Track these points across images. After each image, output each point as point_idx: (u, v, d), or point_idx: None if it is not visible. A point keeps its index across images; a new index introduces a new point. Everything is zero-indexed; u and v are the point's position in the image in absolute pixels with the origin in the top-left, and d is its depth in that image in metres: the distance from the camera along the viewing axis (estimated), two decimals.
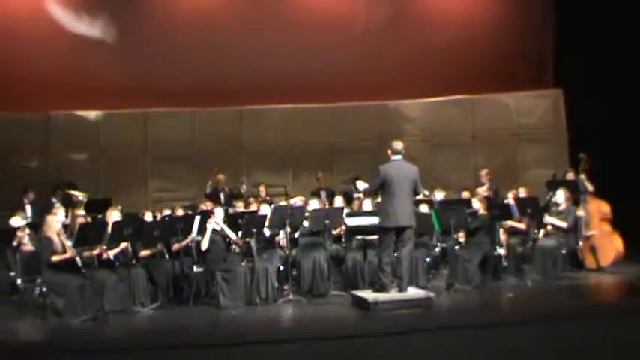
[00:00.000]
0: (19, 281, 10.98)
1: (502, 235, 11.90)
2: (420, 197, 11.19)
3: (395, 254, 10.08)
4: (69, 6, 14.30)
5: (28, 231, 11.34)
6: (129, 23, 14.57)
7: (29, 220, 11.78)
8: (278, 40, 14.82)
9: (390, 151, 10.06)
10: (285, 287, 11.00)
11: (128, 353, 8.66)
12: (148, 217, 11.88)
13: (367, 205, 11.80)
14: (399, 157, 10.04)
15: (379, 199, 10.54)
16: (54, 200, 11.73)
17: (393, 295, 9.86)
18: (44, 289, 10.24)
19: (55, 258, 10.05)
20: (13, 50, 13.93)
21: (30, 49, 14.03)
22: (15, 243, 11.29)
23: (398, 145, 10.05)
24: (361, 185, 12.23)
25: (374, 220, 10.69)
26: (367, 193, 11.84)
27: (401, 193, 9.85)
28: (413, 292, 10.05)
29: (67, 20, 14.36)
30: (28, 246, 11.12)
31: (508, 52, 15.29)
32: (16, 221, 11.53)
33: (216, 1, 14.16)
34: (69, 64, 14.18)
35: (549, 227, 11.85)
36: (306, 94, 14.93)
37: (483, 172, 13.59)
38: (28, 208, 12.20)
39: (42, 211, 11.60)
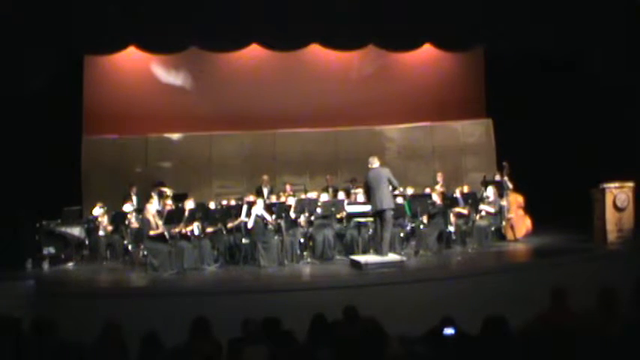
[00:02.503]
0: (129, 247, 11.32)
1: (452, 218, 12.07)
2: (396, 192, 11.27)
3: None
4: (161, 63, 14.29)
5: (134, 214, 11.52)
6: (199, 75, 14.52)
7: (135, 207, 11.87)
8: (299, 84, 14.66)
9: (369, 165, 10.31)
10: (305, 253, 11.13)
11: (200, 295, 8.85)
12: (212, 205, 11.90)
13: (360, 197, 11.79)
14: (375, 165, 10.28)
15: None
16: (153, 193, 11.81)
17: (377, 258, 10.02)
18: (145, 253, 10.50)
19: (151, 232, 10.33)
20: (124, 94, 13.95)
21: (135, 92, 14.06)
22: (126, 222, 11.52)
23: (373, 159, 10.36)
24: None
25: (365, 208, 10.92)
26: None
27: (378, 189, 10.05)
28: (391, 256, 10.20)
29: (160, 73, 14.41)
30: (135, 224, 11.31)
31: (456, 93, 15.11)
32: (127, 207, 11.74)
33: (257, 58, 13.87)
34: (160, 103, 14.19)
35: (483, 212, 11.97)
36: (318, 122, 14.79)
37: (439, 175, 13.58)
38: (134, 199, 12.22)
39: (143, 200, 11.74)
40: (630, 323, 4.14)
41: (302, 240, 11.27)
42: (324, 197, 12.04)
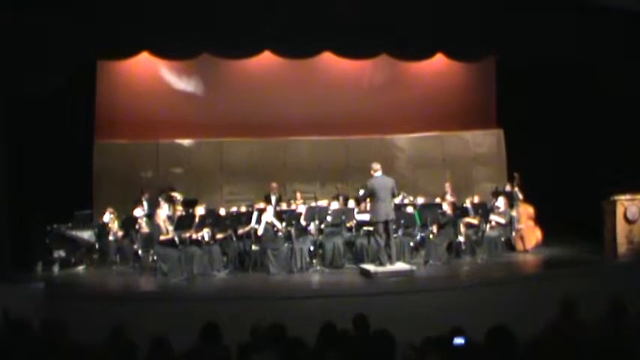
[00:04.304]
0: (139, 252, 11.37)
1: (462, 228, 12.03)
2: (406, 201, 11.24)
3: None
4: (173, 69, 14.32)
5: (145, 219, 11.57)
6: (211, 81, 14.53)
7: (146, 212, 11.91)
8: (310, 91, 14.64)
9: (372, 171, 10.28)
10: (314, 261, 11.10)
11: (209, 301, 8.87)
12: (222, 211, 11.88)
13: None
14: (379, 173, 10.27)
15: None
16: (161, 199, 11.81)
17: (387, 267, 10.01)
18: (155, 258, 10.60)
19: (162, 238, 10.39)
20: (136, 100, 13.99)
21: (147, 98, 14.07)
22: (137, 227, 11.57)
23: (376, 165, 10.30)
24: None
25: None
26: (359, 200, 11.92)
27: (386, 198, 10.06)
28: (401, 265, 10.23)
29: (172, 79, 14.44)
30: (145, 229, 11.34)
31: (467, 103, 15.10)
32: (137, 212, 11.83)
33: (269, 65, 13.82)
34: (171, 109, 14.19)
35: (493, 223, 11.93)
36: (329, 130, 14.80)
37: (447, 185, 13.51)
38: (145, 204, 12.26)
39: (154, 206, 11.76)
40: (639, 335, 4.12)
41: (312, 248, 11.27)
42: (335, 205, 12.06)
